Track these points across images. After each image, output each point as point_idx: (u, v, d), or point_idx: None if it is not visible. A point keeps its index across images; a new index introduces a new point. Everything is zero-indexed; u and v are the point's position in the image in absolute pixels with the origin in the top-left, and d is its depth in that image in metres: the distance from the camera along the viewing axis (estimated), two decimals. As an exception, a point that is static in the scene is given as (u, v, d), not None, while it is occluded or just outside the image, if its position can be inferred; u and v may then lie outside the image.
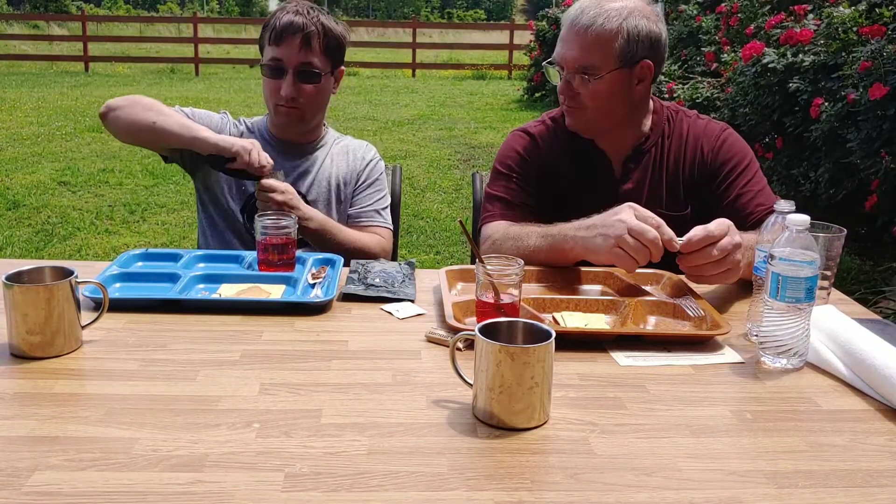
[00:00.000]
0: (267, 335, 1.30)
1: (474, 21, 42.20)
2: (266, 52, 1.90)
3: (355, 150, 2.08)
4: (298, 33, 1.85)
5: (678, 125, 1.82)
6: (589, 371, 1.19)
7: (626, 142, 1.80)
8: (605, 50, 1.65)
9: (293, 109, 1.91)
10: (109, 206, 5.68)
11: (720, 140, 1.79)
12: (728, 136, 1.80)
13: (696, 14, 7.29)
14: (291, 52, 1.86)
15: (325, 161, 2.03)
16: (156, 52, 18.89)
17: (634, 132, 1.80)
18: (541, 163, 1.83)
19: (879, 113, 3.39)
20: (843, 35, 4.07)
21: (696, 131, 1.81)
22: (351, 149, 2.08)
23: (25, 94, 11.79)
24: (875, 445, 1.00)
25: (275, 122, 1.99)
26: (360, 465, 0.91)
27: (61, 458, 0.91)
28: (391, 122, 9.89)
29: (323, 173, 2.01)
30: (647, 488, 0.89)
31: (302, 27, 1.85)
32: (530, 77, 12.84)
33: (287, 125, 1.96)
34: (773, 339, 1.21)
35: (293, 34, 1.85)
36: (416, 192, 6.33)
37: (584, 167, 1.82)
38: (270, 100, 1.93)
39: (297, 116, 1.93)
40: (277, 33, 1.86)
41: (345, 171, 2.04)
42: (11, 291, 1.16)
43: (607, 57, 1.66)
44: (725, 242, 1.37)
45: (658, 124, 1.81)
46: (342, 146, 2.08)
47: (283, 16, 1.87)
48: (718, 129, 1.81)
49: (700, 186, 1.78)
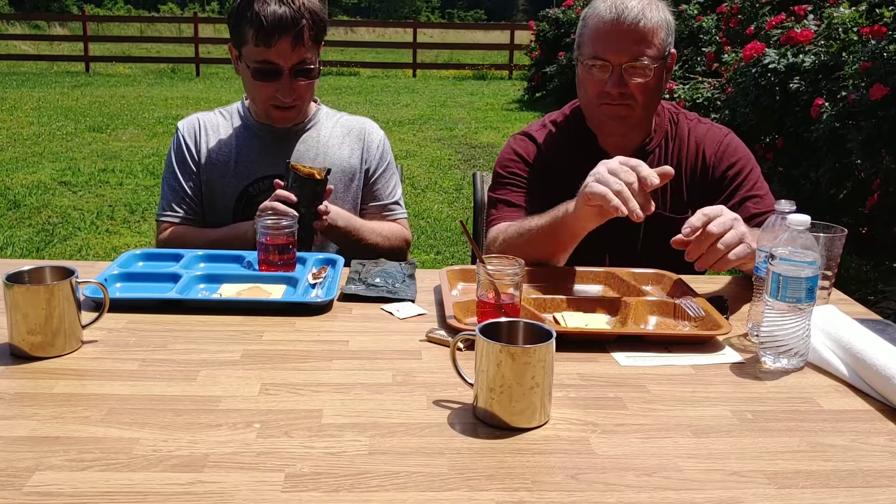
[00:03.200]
0: (268, 335, 1.30)
1: (475, 21, 42.23)
2: (251, 51, 1.75)
3: (359, 132, 1.99)
4: (290, 31, 1.71)
5: (680, 128, 1.82)
6: (589, 371, 1.19)
7: (632, 141, 1.79)
8: (655, 42, 1.66)
9: (291, 108, 1.85)
10: (110, 206, 5.68)
11: (723, 146, 1.78)
12: (731, 142, 1.80)
13: (697, 14, 7.30)
14: (284, 53, 1.74)
15: (325, 144, 1.95)
16: (156, 52, 18.89)
17: (643, 131, 1.79)
18: (542, 165, 1.82)
19: (879, 113, 3.38)
20: (844, 35, 4.08)
21: (697, 135, 1.81)
22: (354, 130, 2.00)
23: (26, 94, 11.79)
24: (876, 446, 1.00)
25: (268, 120, 1.90)
26: (360, 465, 0.91)
27: (62, 458, 0.91)
28: (392, 122, 9.89)
29: (323, 159, 1.93)
30: (648, 488, 0.89)
31: (293, 22, 1.71)
32: (531, 77, 12.84)
33: (284, 122, 1.90)
34: (773, 339, 1.21)
35: (284, 32, 1.71)
36: (416, 192, 6.33)
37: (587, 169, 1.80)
38: (262, 101, 1.83)
39: (295, 113, 1.88)
40: (266, 33, 1.71)
41: (350, 155, 1.96)
42: (12, 291, 1.16)
43: (657, 49, 1.66)
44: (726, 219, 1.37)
45: (661, 125, 1.81)
46: (342, 126, 2.00)
47: (265, 8, 1.70)
48: (721, 135, 1.81)
49: (702, 192, 1.77)
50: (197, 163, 1.91)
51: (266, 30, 1.71)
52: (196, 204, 1.92)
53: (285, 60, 1.76)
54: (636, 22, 1.63)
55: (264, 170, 1.89)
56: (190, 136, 1.92)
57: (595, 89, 1.70)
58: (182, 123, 1.95)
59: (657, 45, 1.66)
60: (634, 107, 1.69)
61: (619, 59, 1.65)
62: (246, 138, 1.93)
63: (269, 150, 1.91)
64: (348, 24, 25.65)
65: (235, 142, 1.92)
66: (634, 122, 1.74)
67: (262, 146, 1.91)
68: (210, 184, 1.91)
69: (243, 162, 1.90)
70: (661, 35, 1.66)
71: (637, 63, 1.65)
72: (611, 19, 1.64)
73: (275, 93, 1.80)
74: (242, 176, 1.89)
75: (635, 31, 1.63)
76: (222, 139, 1.93)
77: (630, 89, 1.66)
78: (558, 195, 1.79)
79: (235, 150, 1.91)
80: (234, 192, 1.90)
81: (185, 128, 1.94)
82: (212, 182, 1.91)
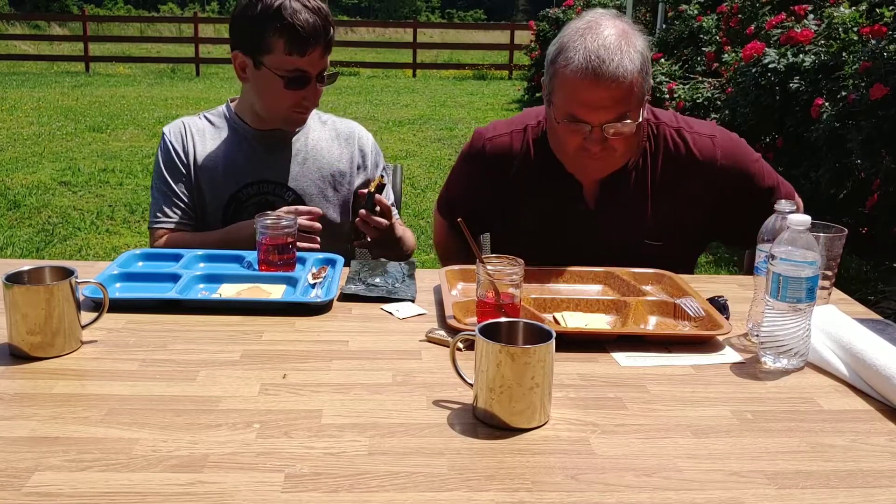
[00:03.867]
0: (267, 335, 1.29)
1: (475, 21, 42.24)
2: (280, 61, 1.72)
3: (349, 136, 1.97)
4: (322, 40, 1.72)
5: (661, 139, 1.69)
6: (589, 371, 1.19)
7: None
8: (636, 92, 1.52)
9: (307, 112, 1.85)
10: (110, 206, 5.68)
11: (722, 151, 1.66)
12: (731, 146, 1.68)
13: (697, 14, 7.29)
14: (315, 61, 1.74)
15: (314, 148, 1.93)
16: (156, 52, 18.88)
17: None
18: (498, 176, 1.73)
19: (879, 113, 3.38)
20: (844, 35, 4.08)
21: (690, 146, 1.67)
22: (343, 134, 1.97)
23: (26, 94, 11.79)
24: (876, 446, 1.00)
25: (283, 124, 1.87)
26: (360, 465, 0.91)
27: (61, 458, 0.91)
28: (392, 122, 9.89)
29: (313, 163, 1.91)
30: (648, 489, 0.88)
31: (324, 30, 1.72)
32: (531, 77, 12.85)
33: (300, 124, 1.89)
34: (773, 339, 1.21)
35: (317, 42, 1.71)
36: (416, 192, 6.33)
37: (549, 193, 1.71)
38: (286, 108, 1.80)
39: (309, 114, 1.88)
40: (302, 42, 1.69)
41: (339, 159, 1.94)
42: (11, 291, 1.16)
43: (638, 98, 1.53)
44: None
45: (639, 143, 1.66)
46: (332, 130, 1.97)
47: (298, 17, 1.68)
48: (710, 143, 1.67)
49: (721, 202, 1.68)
50: (187, 166, 1.88)
51: (302, 39, 1.70)
52: (190, 208, 1.88)
53: (314, 68, 1.76)
54: (615, 77, 1.47)
55: (253, 175, 1.87)
56: (177, 139, 1.89)
57: (572, 144, 1.58)
58: (168, 128, 1.91)
59: (637, 95, 1.52)
60: (616, 156, 1.59)
61: (600, 119, 1.51)
62: (234, 143, 1.90)
63: (258, 155, 1.89)
64: (348, 24, 25.63)
65: (223, 146, 1.89)
66: (615, 165, 1.63)
67: (251, 150, 1.89)
68: (199, 189, 1.88)
69: (232, 167, 1.87)
70: (642, 81, 1.52)
71: (619, 122, 1.52)
72: (587, 76, 1.48)
73: (301, 100, 1.79)
74: (231, 181, 1.87)
75: (616, 88, 1.48)
76: (209, 144, 1.89)
77: (611, 143, 1.55)
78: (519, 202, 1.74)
79: (224, 155, 1.88)
80: (223, 198, 1.87)
81: (172, 132, 1.90)
82: (200, 187, 1.88)
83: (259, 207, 1.85)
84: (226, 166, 1.87)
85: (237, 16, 1.77)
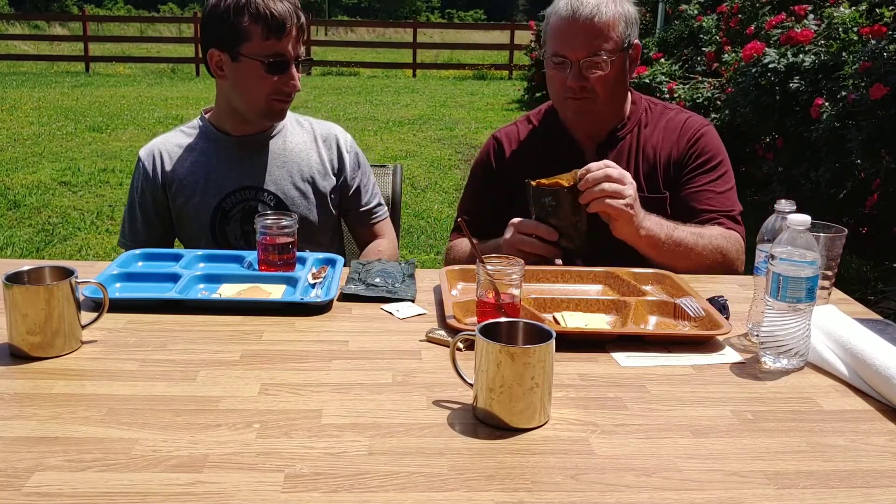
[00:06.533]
0: (267, 335, 1.29)
1: (475, 21, 42.23)
2: (259, 47, 1.75)
3: (326, 137, 1.97)
4: (295, 23, 1.77)
5: (656, 116, 1.87)
6: (589, 371, 1.19)
7: (602, 129, 1.84)
8: (612, 37, 1.71)
9: (288, 101, 1.85)
10: (110, 206, 5.69)
11: (698, 134, 1.83)
12: (706, 132, 1.84)
13: (697, 14, 7.29)
14: (291, 44, 1.78)
15: (293, 150, 1.92)
16: (157, 53, 18.88)
17: (614, 117, 1.84)
18: (513, 161, 1.90)
19: (879, 113, 3.38)
20: (844, 35, 4.08)
21: (675, 123, 1.85)
22: (321, 135, 1.97)
23: (26, 94, 11.80)
24: (876, 446, 1.00)
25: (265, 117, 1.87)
26: (360, 465, 0.91)
27: (61, 458, 0.91)
28: (392, 122, 9.89)
29: (293, 165, 1.91)
30: (648, 489, 0.88)
31: (296, 15, 1.77)
32: (531, 77, 12.84)
33: (282, 116, 1.89)
34: (773, 339, 1.21)
35: (291, 24, 1.76)
36: (416, 192, 6.32)
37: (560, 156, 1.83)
38: (266, 97, 1.80)
39: (289, 105, 1.88)
40: (278, 25, 1.74)
41: (318, 160, 1.94)
42: (11, 291, 1.16)
43: (614, 43, 1.71)
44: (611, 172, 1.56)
45: (635, 113, 1.86)
46: (309, 132, 1.97)
47: (269, 4, 1.74)
48: (698, 125, 1.85)
49: (674, 175, 1.82)
50: (162, 191, 1.89)
51: (279, 23, 1.74)
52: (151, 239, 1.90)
53: (292, 52, 1.80)
54: (591, 17, 1.68)
55: (236, 182, 1.87)
56: (150, 166, 1.89)
57: (558, 84, 1.77)
58: (143, 153, 1.91)
59: (615, 39, 1.71)
60: (596, 100, 1.75)
61: (577, 54, 1.71)
62: (212, 153, 1.89)
63: (237, 162, 1.88)
64: (348, 24, 25.65)
65: (203, 159, 1.89)
66: (598, 114, 1.80)
67: (229, 158, 1.88)
68: (183, 206, 1.88)
69: (213, 178, 1.87)
70: (619, 28, 1.71)
71: (594, 58, 1.70)
72: (567, 16, 1.71)
73: (280, 85, 1.80)
74: (214, 192, 1.87)
75: (590, 26, 1.69)
76: (187, 160, 1.89)
77: (591, 83, 1.72)
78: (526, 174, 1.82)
79: (204, 168, 1.88)
80: (208, 210, 1.87)
81: (146, 157, 1.90)
82: (185, 203, 1.88)
83: (245, 214, 1.87)
84: (207, 178, 1.88)
85: (209, 14, 1.80)
